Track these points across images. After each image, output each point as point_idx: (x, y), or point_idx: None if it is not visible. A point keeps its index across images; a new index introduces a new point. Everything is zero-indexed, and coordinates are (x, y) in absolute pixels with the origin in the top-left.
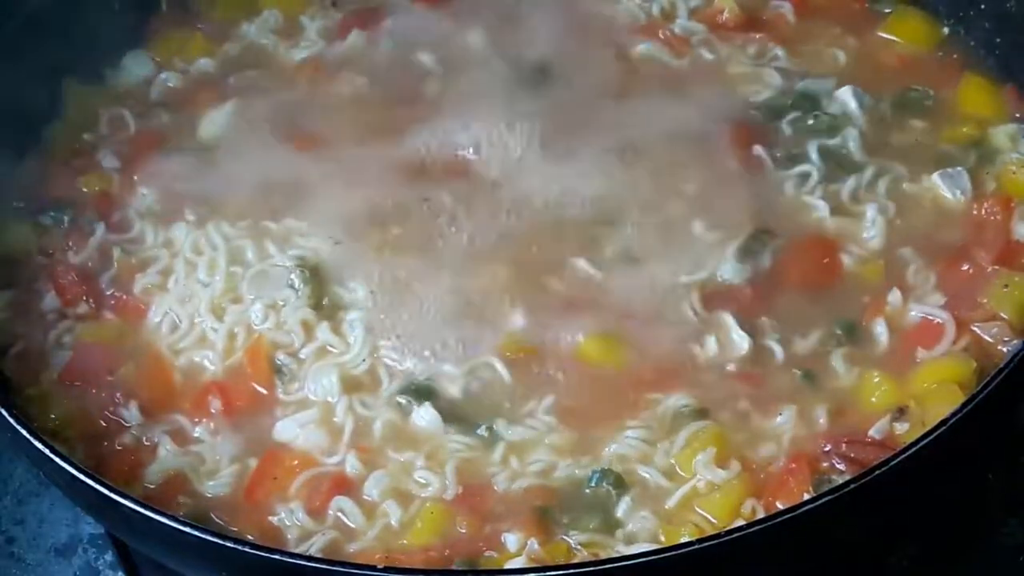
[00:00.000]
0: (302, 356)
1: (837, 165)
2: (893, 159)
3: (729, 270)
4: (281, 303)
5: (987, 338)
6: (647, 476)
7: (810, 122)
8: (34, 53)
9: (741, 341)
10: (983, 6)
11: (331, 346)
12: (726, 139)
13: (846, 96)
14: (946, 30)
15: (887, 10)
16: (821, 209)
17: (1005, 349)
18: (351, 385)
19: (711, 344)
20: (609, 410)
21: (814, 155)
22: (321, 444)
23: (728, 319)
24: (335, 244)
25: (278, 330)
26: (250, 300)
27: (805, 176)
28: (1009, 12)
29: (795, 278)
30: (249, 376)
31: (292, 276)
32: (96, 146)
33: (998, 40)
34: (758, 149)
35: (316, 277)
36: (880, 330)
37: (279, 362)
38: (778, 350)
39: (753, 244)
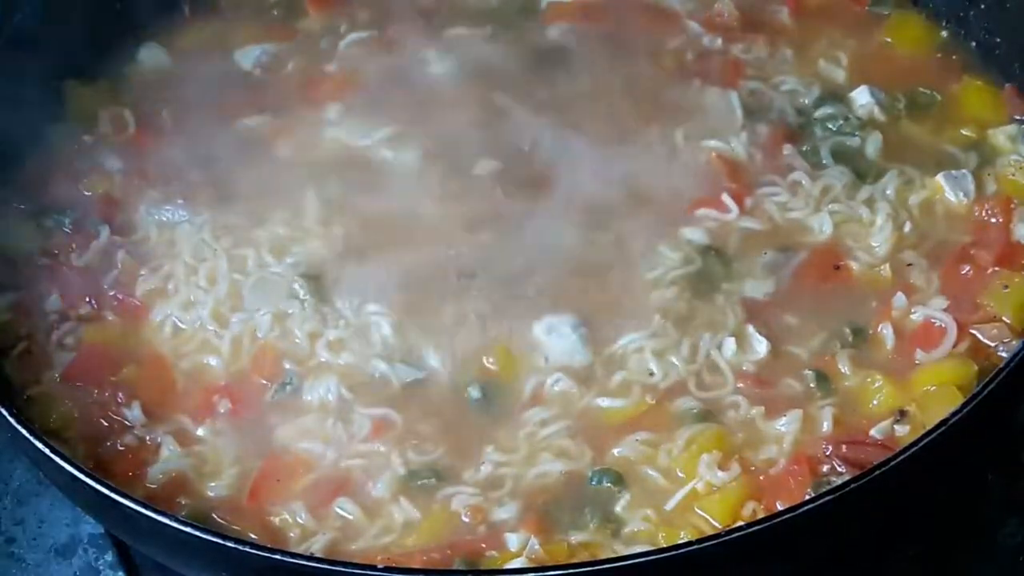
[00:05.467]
0: (308, 364)
1: (854, 171)
2: (903, 163)
3: (752, 287)
4: (289, 312)
5: (986, 341)
6: (648, 475)
7: (831, 125)
8: (35, 53)
9: (759, 345)
10: (982, 7)
11: (334, 352)
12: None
13: (864, 98)
14: (945, 32)
15: (886, 12)
16: (836, 217)
17: (1003, 353)
18: (355, 389)
19: (729, 346)
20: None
21: (837, 163)
22: (324, 447)
23: (748, 326)
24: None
25: (285, 339)
26: (254, 309)
27: (830, 186)
28: (1008, 13)
29: (808, 286)
30: (254, 380)
31: (295, 286)
32: (98, 147)
33: (998, 41)
34: (788, 149)
35: (318, 285)
36: (887, 333)
37: (286, 368)
38: (791, 354)
39: (776, 259)
